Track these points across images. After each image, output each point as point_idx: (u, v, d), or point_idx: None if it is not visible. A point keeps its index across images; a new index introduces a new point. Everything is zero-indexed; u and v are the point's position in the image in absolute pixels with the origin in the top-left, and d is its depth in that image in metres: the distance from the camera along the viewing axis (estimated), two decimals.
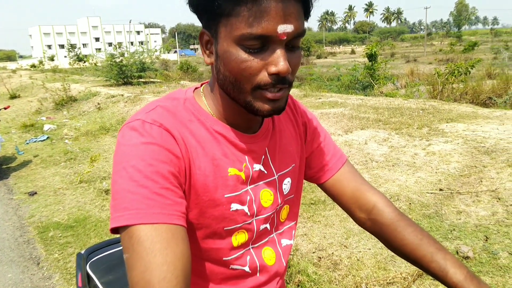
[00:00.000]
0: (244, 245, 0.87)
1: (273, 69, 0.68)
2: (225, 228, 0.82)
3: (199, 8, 0.73)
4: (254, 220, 0.86)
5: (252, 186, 0.85)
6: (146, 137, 0.70)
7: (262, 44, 0.68)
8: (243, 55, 0.69)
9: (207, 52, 0.77)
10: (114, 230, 0.66)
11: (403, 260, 2.92)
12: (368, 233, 1.03)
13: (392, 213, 0.94)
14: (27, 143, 7.91)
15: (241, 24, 0.67)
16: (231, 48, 0.69)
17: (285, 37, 0.67)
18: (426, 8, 59.19)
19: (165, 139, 0.71)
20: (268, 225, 0.91)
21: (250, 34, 0.66)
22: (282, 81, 0.71)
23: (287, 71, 0.69)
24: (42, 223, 4.18)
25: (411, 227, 0.92)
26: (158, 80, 17.38)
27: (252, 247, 0.89)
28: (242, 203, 0.83)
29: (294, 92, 10.99)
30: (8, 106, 7.84)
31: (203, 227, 0.80)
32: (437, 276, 0.86)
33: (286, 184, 0.93)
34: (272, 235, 0.94)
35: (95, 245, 1.45)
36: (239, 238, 0.85)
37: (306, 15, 0.74)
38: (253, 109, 0.74)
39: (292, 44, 0.71)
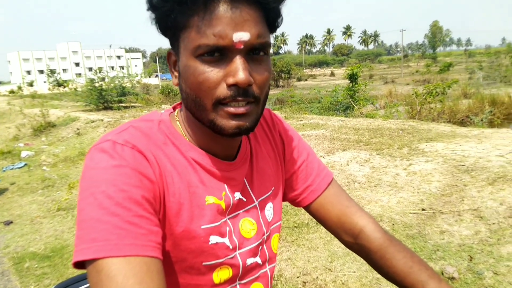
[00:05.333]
0: (228, 282, 0.80)
1: (230, 80, 0.64)
2: (204, 263, 0.75)
3: (161, 26, 0.70)
4: (237, 254, 0.79)
5: (230, 216, 0.79)
6: (117, 159, 0.64)
7: (220, 55, 0.64)
8: (200, 67, 0.65)
9: (175, 73, 0.74)
10: (79, 264, 0.59)
11: (388, 283, 2.89)
12: (353, 255, 0.97)
13: (381, 238, 0.88)
14: (4, 171, 7.69)
15: (196, 35, 0.64)
16: (190, 61, 0.66)
17: (242, 46, 0.63)
18: (402, 31, 60.83)
19: (138, 162, 0.65)
20: (258, 259, 0.84)
21: (204, 45, 0.63)
22: (244, 94, 0.65)
23: (247, 81, 0.64)
24: (17, 253, 4.02)
25: (401, 253, 0.87)
26: (139, 105, 17.29)
27: (239, 283, 0.82)
28: (222, 235, 0.76)
29: None
30: None
31: (178, 260, 0.73)
32: None
33: (269, 210, 0.87)
34: (264, 270, 0.87)
35: (67, 281, 1.37)
36: (221, 274, 0.78)
37: (272, 25, 0.70)
38: (217, 128, 0.68)
39: (255, 54, 0.67)
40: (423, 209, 3.97)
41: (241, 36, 0.63)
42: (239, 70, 0.63)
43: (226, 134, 0.68)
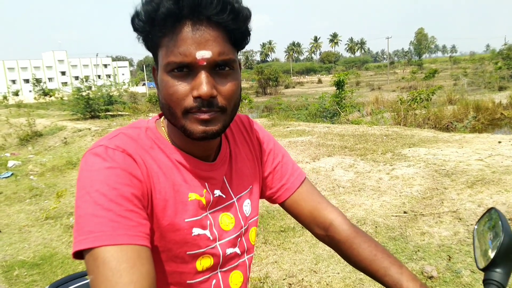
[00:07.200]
0: (210, 269, 0.89)
1: (195, 92, 0.73)
2: (187, 253, 0.84)
3: (146, 45, 0.80)
4: (218, 245, 0.88)
5: (211, 211, 0.88)
6: (109, 162, 0.72)
7: (188, 70, 0.74)
8: (171, 81, 0.74)
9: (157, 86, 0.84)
10: (77, 255, 0.67)
11: (371, 283, 2.99)
12: (337, 257, 1.07)
13: (348, 230, 0.99)
14: None
15: (166, 54, 0.74)
16: (163, 76, 0.76)
17: (204, 63, 0.72)
18: (388, 38, 61.62)
19: (128, 164, 0.74)
20: (237, 249, 0.93)
21: (172, 62, 0.73)
22: (208, 105, 0.74)
23: (208, 94, 0.73)
24: (6, 262, 4.04)
25: (366, 243, 0.97)
26: (126, 113, 17.28)
27: (220, 271, 0.91)
28: (203, 228, 0.85)
29: (263, 121, 11.14)
30: None
31: (165, 250, 0.82)
32: None
33: (247, 206, 0.97)
34: (243, 259, 0.96)
35: (61, 279, 1.43)
36: (204, 262, 0.87)
37: (238, 43, 0.78)
38: (187, 132, 0.77)
39: (221, 69, 0.75)
40: (404, 212, 4.09)
41: (203, 54, 0.72)
42: (202, 84, 0.73)
43: (195, 138, 0.78)
